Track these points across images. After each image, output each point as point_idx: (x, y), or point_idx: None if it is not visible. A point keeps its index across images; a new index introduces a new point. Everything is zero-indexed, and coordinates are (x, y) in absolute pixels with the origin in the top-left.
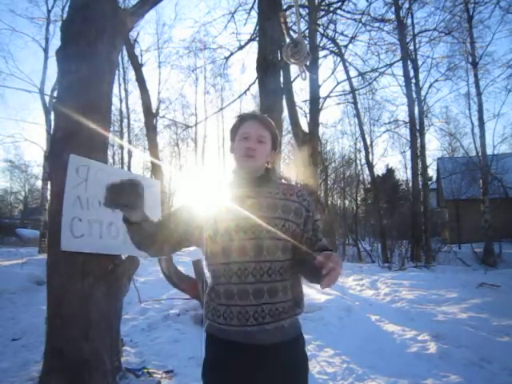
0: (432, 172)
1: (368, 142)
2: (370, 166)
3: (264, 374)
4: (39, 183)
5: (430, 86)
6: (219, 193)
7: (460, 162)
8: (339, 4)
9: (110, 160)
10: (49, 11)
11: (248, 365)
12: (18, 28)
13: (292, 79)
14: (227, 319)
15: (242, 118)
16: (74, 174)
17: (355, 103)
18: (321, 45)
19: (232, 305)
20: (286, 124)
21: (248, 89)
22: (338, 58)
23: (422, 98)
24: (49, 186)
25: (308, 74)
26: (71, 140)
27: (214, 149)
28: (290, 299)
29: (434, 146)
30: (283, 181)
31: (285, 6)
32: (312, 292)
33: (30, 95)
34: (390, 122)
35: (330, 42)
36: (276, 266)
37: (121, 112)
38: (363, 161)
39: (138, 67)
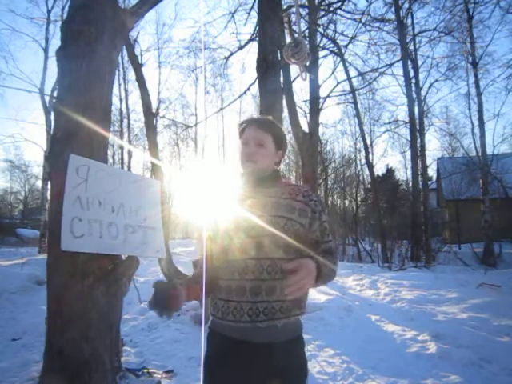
0: (432, 172)
1: (368, 142)
2: (370, 165)
3: (258, 373)
4: (39, 183)
5: (430, 86)
6: (224, 194)
7: (460, 162)
8: (339, 4)
9: (110, 160)
10: (49, 11)
11: (242, 361)
12: (18, 28)
13: (292, 79)
14: (224, 314)
15: (244, 125)
16: (74, 174)
17: (355, 103)
18: (321, 45)
19: (230, 300)
20: (286, 124)
21: (248, 89)
22: (338, 58)
23: (422, 98)
24: (49, 186)
25: (308, 74)
26: (71, 140)
27: (214, 149)
28: (288, 299)
29: (434, 146)
30: (290, 182)
31: (285, 6)
32: (312, 292)
33: (30, 95)
34: (390, 122)
35: (330, 41)
36: (277, 264)
37: (121, 112)
38: (363, 161)
39: (137, 67)
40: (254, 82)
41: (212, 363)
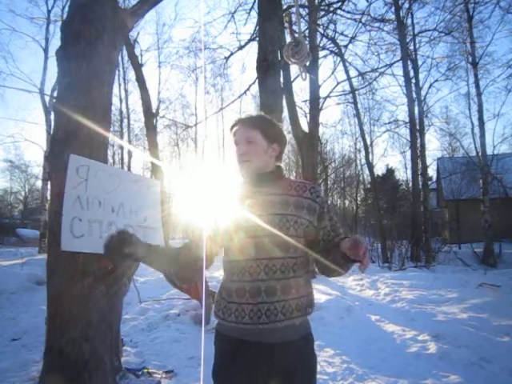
0: (432, 172)
1: (368, 142)
2: (370, 166)
3: (274, 372)
4: (39, 183)
5: (430, 86)
6: (225, 194)
7: (460, 162)
8: (339, 4)
9: (110, 160)
10: (49, 11)
11: (259, 362)
12: (18, 28)
13: (292, 79)
14: (238, 317)
15: (232, 126)
16: (74, 173)
17: (355, 103)
18: (321, 45)
19: (244, 303)
20: (286, 124)
21: (248, 89)
22: (338, 58)
23: (422, 98)
24: (49, 186)
25: (308, 74)
26: (71, 140)
27: (214, 149)
28: (303, 296)
29: (434, 146)
30: (294, 179)
31: (285, 6)
32: None
33: (30, 95)
34: (390, 122)
35: (330, 41)
36: (289, 263)
37: (121, 112)
38: (363, 161)
39: (138, 67)
40: (254, 82)
41: (227, 367)
